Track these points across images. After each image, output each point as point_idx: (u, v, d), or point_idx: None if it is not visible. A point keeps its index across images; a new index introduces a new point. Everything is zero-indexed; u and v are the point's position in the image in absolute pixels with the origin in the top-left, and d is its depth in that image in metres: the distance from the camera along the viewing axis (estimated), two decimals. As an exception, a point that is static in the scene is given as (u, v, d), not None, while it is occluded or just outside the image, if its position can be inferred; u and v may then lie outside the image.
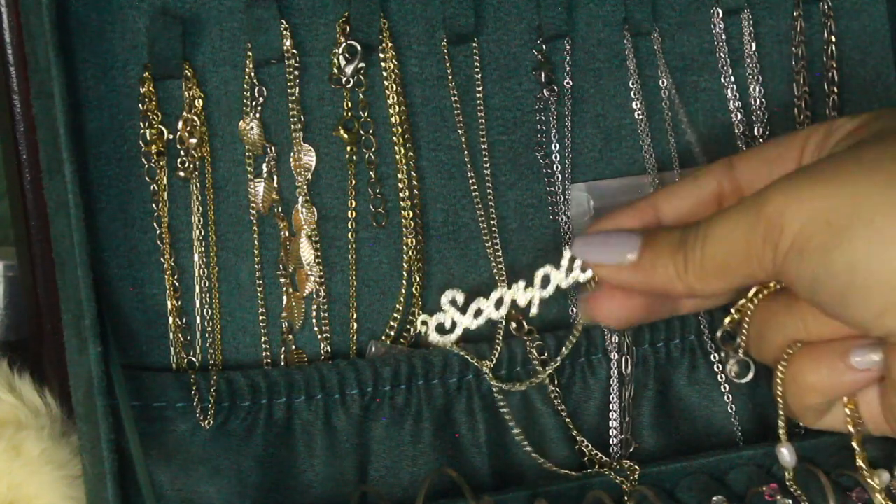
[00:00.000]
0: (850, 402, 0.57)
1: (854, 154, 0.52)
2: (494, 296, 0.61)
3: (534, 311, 0.61)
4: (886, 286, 0.50)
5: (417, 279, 0.64)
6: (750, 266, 0.54)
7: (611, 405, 0.65)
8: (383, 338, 0.64)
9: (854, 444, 0.57)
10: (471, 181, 0.65)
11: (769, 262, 0.53)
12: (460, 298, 0.62)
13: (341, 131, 0.63)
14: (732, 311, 0.59)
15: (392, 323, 0.64)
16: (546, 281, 0.61)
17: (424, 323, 0.62)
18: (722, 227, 0.55)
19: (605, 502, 0.59)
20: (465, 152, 0.65)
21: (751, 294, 0.59)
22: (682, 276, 0.56)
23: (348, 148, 0.63)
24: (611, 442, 0.65)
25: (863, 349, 0.55)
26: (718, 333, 0.60)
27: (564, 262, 0.60)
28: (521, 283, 0.61)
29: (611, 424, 0.65)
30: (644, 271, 0.57)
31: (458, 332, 0.62)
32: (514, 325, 0.65)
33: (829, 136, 0.57)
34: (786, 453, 0.59)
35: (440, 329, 0.62)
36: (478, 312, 0.62)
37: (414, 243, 0.64)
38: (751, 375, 0.60)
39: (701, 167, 0.62)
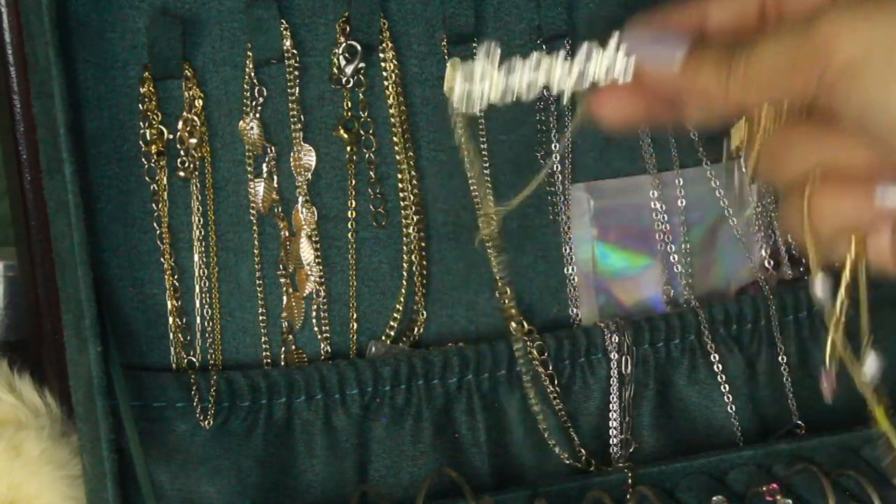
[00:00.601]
0: (858, 235, 0.56)
1: None
2: (533, 57, 0.53)
3: (567, 95, 0.53)
4: None
5: (418, 279, 0.64)
6: (794, 83, 0.54)
7: (611, 405, 0.65)
8: (383, 338, 0.64)
9: (845, 276, 0.56)
10: (470, 181, 0.65)
11: (813, 82, 0.53)
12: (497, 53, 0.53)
13: (341, 131, 0.63)
14: (741, 125, 0.58)
15: (392, 323, 0.64)
16: (588, 58, 0.54)
17: (454, 66, 0.51)
18: (771, 42, 0.54)
19: (605, 502, 0.59)
20: (465, 152, 0.64)
21: (765, 112, 0.58)
22: (723, 84, 0.56)
23: (348, 148, 0.63)
24: (611, 442, 0.65)
25: (891, 187, 0.54)
26: (732, 146, 0.59)
27: (612, 45, 0.56)
28: (562, 53, 0.54)
29: (611, 424, 0.65)
30: (687, 74, 0.56)
31: (486, 91, 0.52)
32: (513, 325, 0.65)
33: None
34: (819, 284, 0.57)
35: (469, 76, 0.52)
36: (511, 70, 0.52)
37: (415, 243, 0.64)
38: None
39: None
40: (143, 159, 0.62)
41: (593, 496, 0.60)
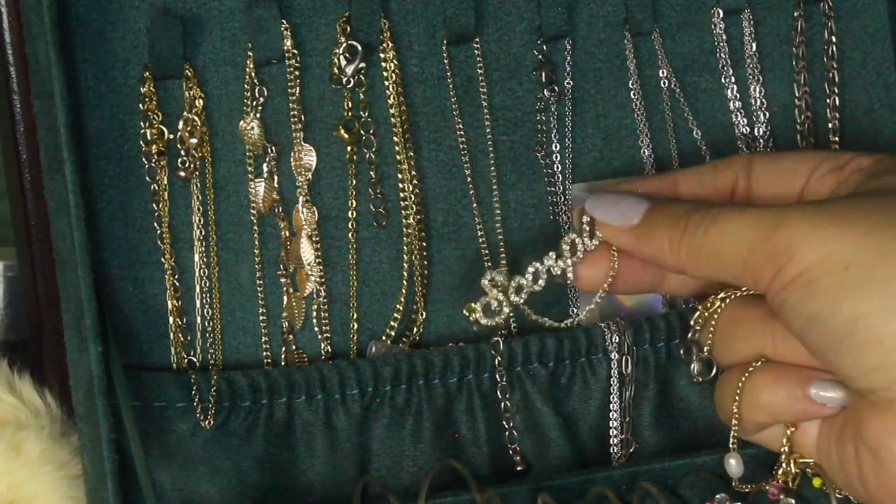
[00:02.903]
0: (792, 426, 0.58)
1: (880, 204, 0.52)
2: (531, 269, 0.62)
3: (571, 277, 0.62)
4: (886, 347, 0.50)
5: (418, 279, 0.64)
6: (744, 272, 0.54)
7: (611, 405, 0.65)
8: (384, 338, 0.64)
9: (782, 465, 0.58)
10: (470, 182, 0.65)
11: (766, 280, 0.53)
12: (501, 278, 0.62)
13: (342, 131, 0.63)
14: (700, 307, 0.60)
15: (392, 323, 0.64)
16: (574, 248, 0.61)
17: (471, 309, 0.62)
18: (733, 222, 0.55)
19: (608, 497, 0.59)
20: (466, 152, 0.65)
21: (721, 295, 0.59)
22: (675, 250, 0.57)
23: (349, 148, 0.64)
24: (611, 441, 0.65)
25: (826, 383, 0.56)
26: (689, 334, 0.61)
27: (586, 226, 0.61)
28: (552, 254, 0.62)
29: (611, 424, 0.65)
30: (640, 237, 0.58)
31: (506, 310, 0.62)
32: (514, 325, 0.65)
33: (842, 170, 0.57)
34: (734, 464, 0.60)
35: (487, 311, 0.62)
36: (519, 288, 0.62)
37: (415, 243, 0.64)
38: (713, 374, 0.61)
39: (722, 158, 0.63)
40: (144, 159, 0.62)
41: (596, 491, 0.60)
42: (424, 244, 0.64)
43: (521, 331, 0.65)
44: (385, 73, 0.64)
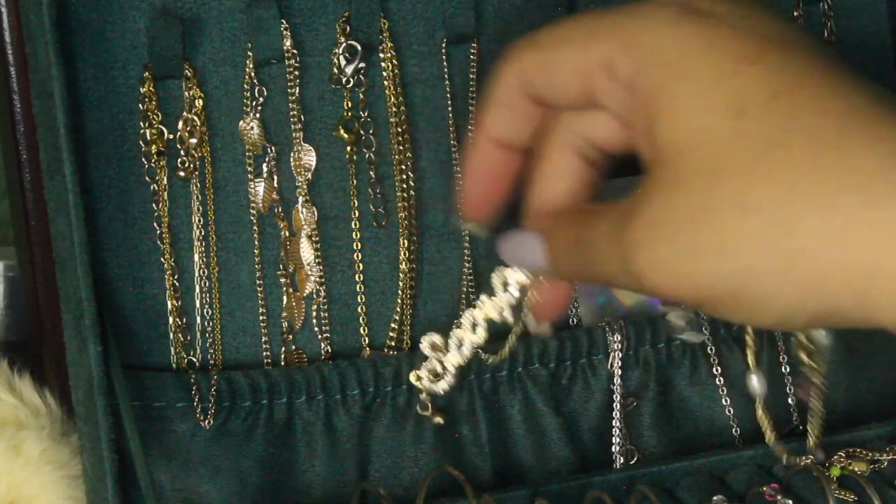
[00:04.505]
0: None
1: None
2: (466, 321, 0.61)
3: (508, 317, 0.60)
4: None
5: (419, 279, 0.64)
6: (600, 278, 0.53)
7: (613, 405, 0.65)
8: (386, 339, 0.64)
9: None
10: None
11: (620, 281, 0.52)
12: (439, 339, 0.62)
13: (341, 131, 0.63)
14: None
15: (392, 324, 0.64)
16: (506, 286, 0.60)
17: (418, 378, 0.62)
18: (584, 248, 0.53)
19: (606, 502, 0.59)
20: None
21: None
22: (576, 274, 0.55)
23: (348, 148, 0.64)
24: (613, 441, 0.65)
25: None
26: None
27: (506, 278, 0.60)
28: (484, 297, 0.61)
29: (613, 424, 0.65)
30: (557, 270, 0.56)
31: (452, 371, 0.62)
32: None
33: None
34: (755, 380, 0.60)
35: (434, 375, 0.62)
36: (460, 343, 0.61)
37: (415, 243, 0.64)
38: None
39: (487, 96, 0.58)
40: (143, 159, 0.62)
41: (594, 495, 0.60)
42: (425, 244, 0.64)
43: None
44: (384, 73, 0.64)
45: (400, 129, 0.64)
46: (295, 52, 0.63)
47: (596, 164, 0.56)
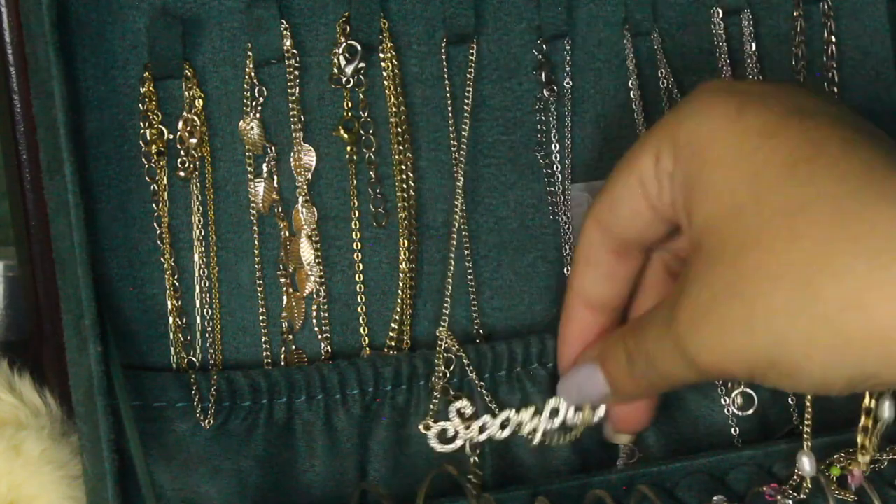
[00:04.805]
0: None
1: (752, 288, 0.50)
2: (501, 416, 0.62)
3: (537, 439, 0.61)
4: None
5: (418, 279, 0.64)
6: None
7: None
8: (387, 340, 0.64)
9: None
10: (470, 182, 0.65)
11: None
12: (468, 410, 0.62)
13: (341, 131, 0.63)
14: None
15: (392, 324, 0.64)
16: (555, 413, 0.61)
17: (427, 427, 0.62)
18: (649, 342, 0.54)
19: (606, 501, 0.59)
20: (466, 152, 0.64)
21: None
22: (635, 381, 0.57)
23: (348, 148, 0.64)
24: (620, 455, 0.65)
25: None
26: None
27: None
28: (531, 410, 0.61)
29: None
30: (622, 392, 0.58)
31: (459, 443, 0.62)
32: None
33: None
34: (807, 462, 0.60)
35: (442, 437, 0.62)
36: (482, 428, 0.62)
37: (415, 243, 0.64)
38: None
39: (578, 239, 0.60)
40: (143, 159, 0.62)
41: (594, 495, 0.60)
42: (425, 244, 0.64)
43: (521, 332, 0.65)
44: (384, 73, 0.64)
45: (400, 129, 0.64)
46: (295, 52, 0.63)
47: (634, 259, 0.59)
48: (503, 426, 0.61)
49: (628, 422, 0.61)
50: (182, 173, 0.62)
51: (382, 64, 0.64)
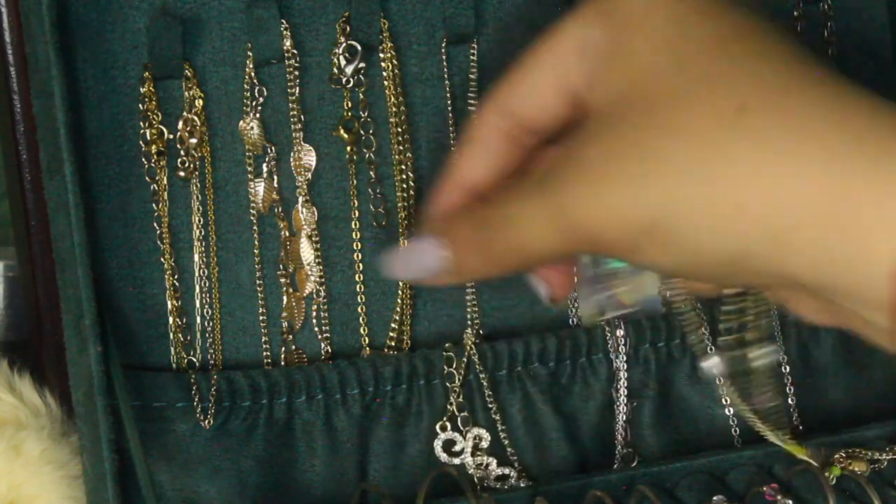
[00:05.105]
0: None
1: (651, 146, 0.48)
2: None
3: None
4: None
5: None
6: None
7: (615, 405, 0.65)
8: (387, 340, 0.64)
9: None
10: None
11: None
12: (484, 443, 0.63)
13: (341, 131, 0.63)
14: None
15: (392, 324, 0.64)
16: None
17: (444, 428, 0.63)
18: (519, 221, 0.51)
19: (606, 502, 0.59)
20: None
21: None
22: (490, 262, 0.53)
23: (348, 148, 0.63)
24: (616, 440, 0.65)
25: None
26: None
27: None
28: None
29: (616, 422, 0.65)
30: (465, 264, 0.54)
31: (463, 460, 0.63)
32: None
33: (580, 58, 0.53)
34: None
35: (448, 446, 0.63)
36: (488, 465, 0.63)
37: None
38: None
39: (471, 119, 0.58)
40: (143, 159, 0.62)
41: (593, 496, 0.60)
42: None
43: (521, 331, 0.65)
44: (384, 73, 0.64)
45: (400, 129, 0.64)
46: (295, 52, 0.62)
47: (520, 146, 0.55)
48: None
49: (552, 284, 0.57)
50: (182, 173, 0.62)
51: (382, 64, 0.64)
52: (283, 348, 0.63)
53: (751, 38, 0.49)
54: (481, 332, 0.65)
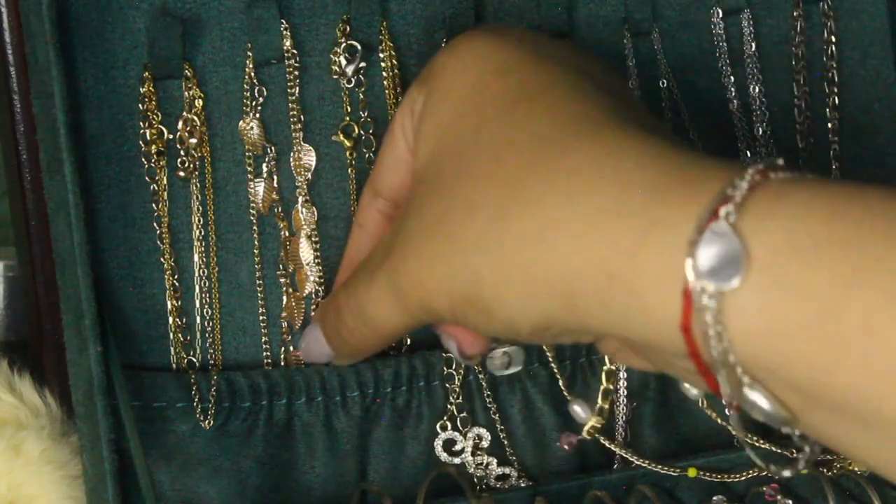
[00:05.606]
0: None
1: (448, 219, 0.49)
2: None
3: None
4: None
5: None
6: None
7: (616, 405, 0.65)
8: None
9: None
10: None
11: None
12: (485, 443, 0.63)
13: (341, 137, 0.63)
14: None
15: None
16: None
17: (444, 428, 0.63)
18: (367, 301, 0.53)
19: (606, 502, 0.59)
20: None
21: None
22: (355, 348, 0.55)
23: (348, 147, 0.63)
24: (617, 440, 0.65)
25: None
26: None
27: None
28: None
29: (616, 421, 0.65)
30: (338, 350, 0.57)
31: (464, 459, 0.63)
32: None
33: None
34: (578, 410, 0.61)
35: (448, 446, 0.63)
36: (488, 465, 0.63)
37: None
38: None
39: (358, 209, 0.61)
40: (143, 159, 0.62)
41: (593, 496, 0.60)
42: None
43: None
44: (384, 73, 0.64)
45: (400, 129, 0.64)
46: (295, 52, 0.63)
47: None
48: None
49: (461, 342, 0.57)
50: (182, 173, 0.62)
51: (382, 64, 0.64)
52: (283, 348, 0.63)
53: (541, 97, 0.48)
54: (481, 332, 0.65)
